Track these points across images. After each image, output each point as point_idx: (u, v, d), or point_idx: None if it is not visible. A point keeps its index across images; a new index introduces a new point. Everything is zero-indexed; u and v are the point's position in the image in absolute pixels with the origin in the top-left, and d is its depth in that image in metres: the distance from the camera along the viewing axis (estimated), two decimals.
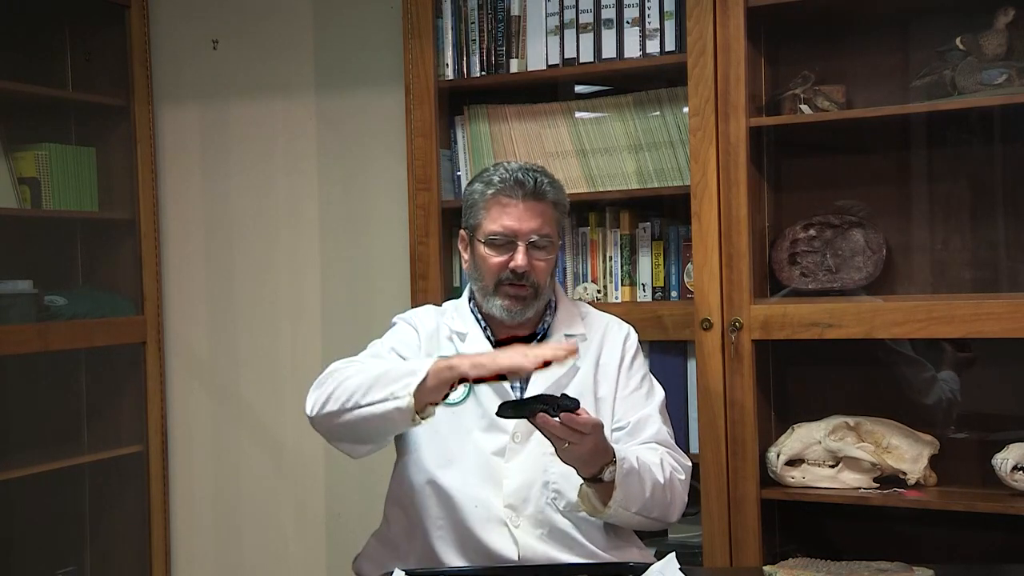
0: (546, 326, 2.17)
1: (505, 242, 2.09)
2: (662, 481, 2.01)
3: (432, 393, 1.88)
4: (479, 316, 2.17)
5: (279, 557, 3.28)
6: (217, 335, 3.34)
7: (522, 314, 2.11)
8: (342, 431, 1.98)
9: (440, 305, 2.28)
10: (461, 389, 2.09)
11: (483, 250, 2.11)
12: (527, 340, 2.14)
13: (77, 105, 3.27)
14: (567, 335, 2.16)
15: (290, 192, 3.23)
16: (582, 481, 1.97)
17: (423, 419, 1.90)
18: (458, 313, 2.20)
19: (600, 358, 2.16)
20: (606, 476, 1.92)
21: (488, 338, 2.15)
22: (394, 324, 2.23)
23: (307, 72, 3.19)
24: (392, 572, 1.93)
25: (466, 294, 2.22)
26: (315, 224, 3.21)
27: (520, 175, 2.10)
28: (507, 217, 2.09)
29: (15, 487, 3.03)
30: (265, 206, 3.26)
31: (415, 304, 2.61)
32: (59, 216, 3.18)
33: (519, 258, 2.07)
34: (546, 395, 1.87)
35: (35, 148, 3.09)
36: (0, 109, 3.07)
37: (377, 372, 1.94)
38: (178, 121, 3.34)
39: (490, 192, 2.11)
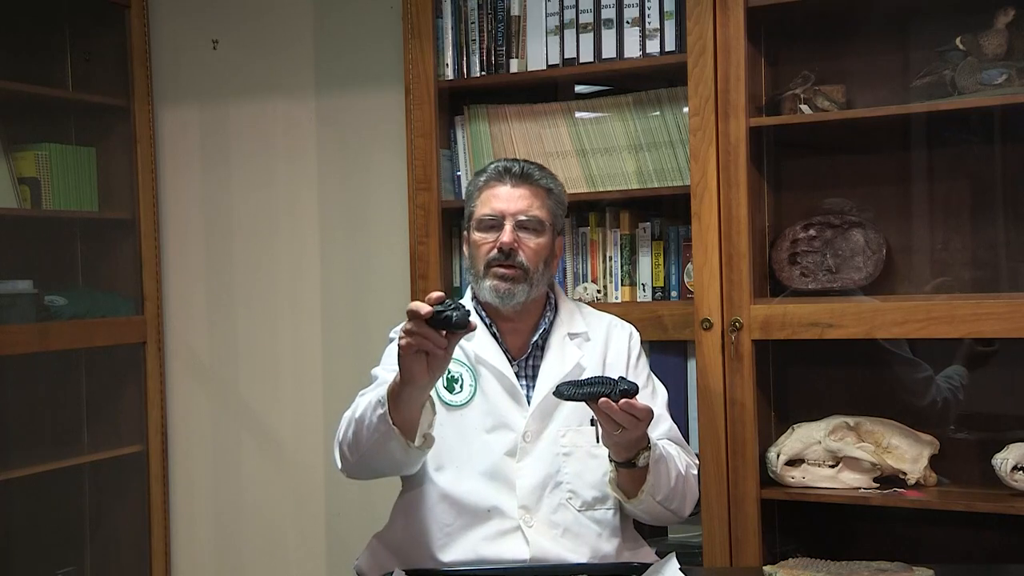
0: (547, 323, 2.17)
1: (494, 223, 2.12)
2: (682, 472, 2.05)
3: (407, 412, 1.88)
4: (483, 314, 2.17)
5: (279, 557, 3.28)
6: (217, 335, 3.34)
7: (511, 296, 2.09)
8: (371, 474, 2.07)
9: None
10: (468, 390, 2.09)
11: (475, 235, 2.14)
12: (530, 335, 2.15)
13: (77, 105, 3.27)
14: (570, 334, 2.16)
15: (290, 192, 3.23)
16: (611, 467, 1.99)
17: (419, 447, 1.92)
18: None
19: (606, 357, 2.17)
20: (640, 461, 1.94)
21: (493, 334, 2.14)
22: (390, 340, 2.19)
23: (307, 72, 3.19)
24: (392, 572, 1.93)
25: (468, 293, 2.22)
26: (315, 224, 3.20)
27: (508, 163, 2.17)
28: (495, 200, 2.13)
29: (15, 487, 3.03)
30: (265, 206, 3.26)
31: None
32: (59, 216, 3.18)
33: (505, 235, 2.09)
34: (604, 377, 1.86)
35: (35, 148, 3.09)
36: (0, 109, 3.07)
37: (358, 415, 1.95)
38: (178, 121, 3.34)
39: (481, 181, 2.17)
